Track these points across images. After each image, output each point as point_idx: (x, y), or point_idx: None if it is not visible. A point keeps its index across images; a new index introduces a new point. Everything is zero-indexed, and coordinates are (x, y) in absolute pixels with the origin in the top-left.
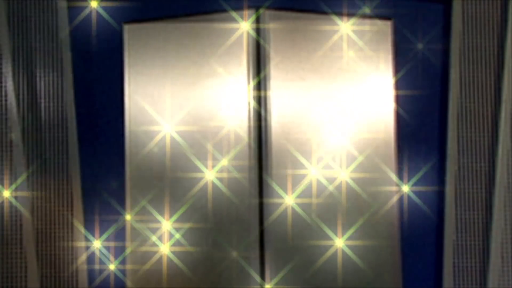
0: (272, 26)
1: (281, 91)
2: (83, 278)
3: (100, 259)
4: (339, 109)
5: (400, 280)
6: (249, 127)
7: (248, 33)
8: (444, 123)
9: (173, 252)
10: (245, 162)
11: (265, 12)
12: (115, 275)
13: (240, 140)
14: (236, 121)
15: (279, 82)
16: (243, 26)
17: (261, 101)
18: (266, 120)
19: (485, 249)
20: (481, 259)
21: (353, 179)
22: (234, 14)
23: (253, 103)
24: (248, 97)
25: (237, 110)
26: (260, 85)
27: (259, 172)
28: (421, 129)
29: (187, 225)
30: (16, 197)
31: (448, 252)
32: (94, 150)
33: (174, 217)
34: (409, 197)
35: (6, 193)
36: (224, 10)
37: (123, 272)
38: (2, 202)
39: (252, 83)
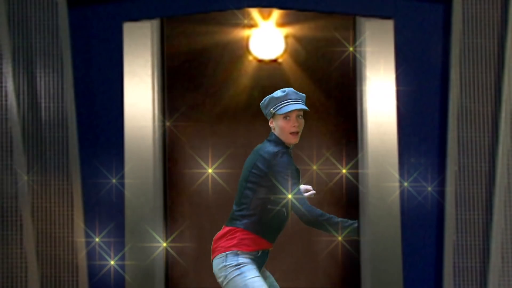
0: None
1: None
2: (83, 278)
3: (100, 259)
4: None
5: (400, 280)
6: None
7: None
8: (444, 123)
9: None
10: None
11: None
12: (115, 275)
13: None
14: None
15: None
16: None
17: None
18: None
19: (485, 249)
20: (481, 259)
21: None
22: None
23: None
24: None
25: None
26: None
27: None
28: (421, 129)
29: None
30: (16, 197)
31: (448, 252)
32: (94, 150)
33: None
34: (409, 197)
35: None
36: (223, 10)
37: (122, 268)
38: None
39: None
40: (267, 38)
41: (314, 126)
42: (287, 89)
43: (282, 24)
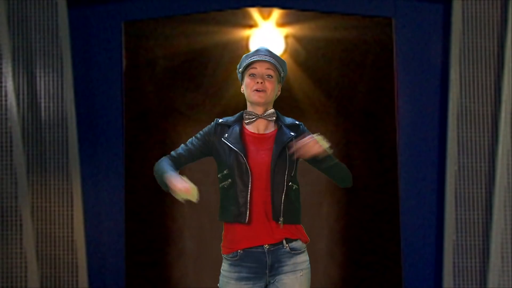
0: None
1: None
2: (83, 278)
3: (100, 259)
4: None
5: (400, 280)
6: None
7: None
8: (444, 123)
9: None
10: None
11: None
12: (115, 275)
13: None
14: None
15: None
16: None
17: None
18: None
19: (485, 249)
20: (481, 259)
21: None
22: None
23: None
24: None
25: None
26: None
27: None
28: (421, 128)
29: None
30: (16, 197)
31: (448, 252)
32: (94, 150)
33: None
34: (409, 197)
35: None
36: (223, 10)
37: (123, 270)
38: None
39: None
40: (267, 38)
41: (314, 126)
42: (260, 47)
43: (282, 24)
